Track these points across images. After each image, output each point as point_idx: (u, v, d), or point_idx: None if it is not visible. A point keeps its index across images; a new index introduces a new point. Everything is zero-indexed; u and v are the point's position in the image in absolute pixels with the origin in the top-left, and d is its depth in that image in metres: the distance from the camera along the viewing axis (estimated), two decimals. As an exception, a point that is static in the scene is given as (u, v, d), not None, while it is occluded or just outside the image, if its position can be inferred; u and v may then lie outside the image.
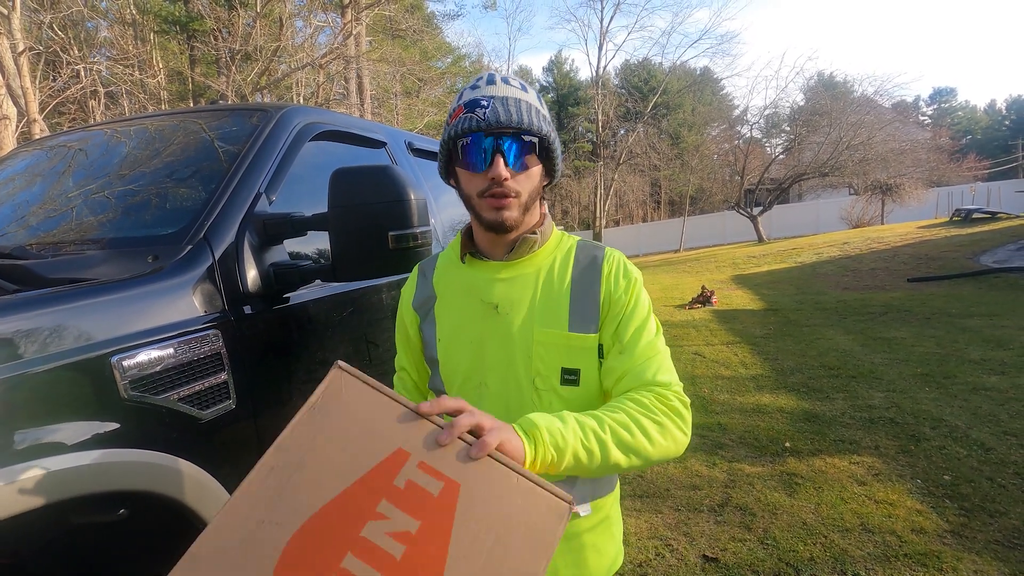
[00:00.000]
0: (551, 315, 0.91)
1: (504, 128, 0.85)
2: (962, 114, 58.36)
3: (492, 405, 0.91)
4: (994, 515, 2.34)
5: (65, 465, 0.93)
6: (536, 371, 0.90)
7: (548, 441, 0.72)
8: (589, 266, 0.94)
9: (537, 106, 0.91)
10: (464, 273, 0.97)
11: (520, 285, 0.93)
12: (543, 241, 0.96)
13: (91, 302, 1.07)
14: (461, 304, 0.96)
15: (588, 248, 0.98)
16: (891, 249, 12.18)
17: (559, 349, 0.90)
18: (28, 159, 2.08)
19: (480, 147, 0.86)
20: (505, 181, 0.86)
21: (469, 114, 0.87)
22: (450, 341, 0.95)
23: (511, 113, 0.86)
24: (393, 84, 19.08)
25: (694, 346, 5.73)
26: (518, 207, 0.89)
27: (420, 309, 1.02)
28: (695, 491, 2.70)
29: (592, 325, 0.91)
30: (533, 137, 0.88)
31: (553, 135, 0.92)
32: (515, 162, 0.87)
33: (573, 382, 0.91)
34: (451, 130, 0.89)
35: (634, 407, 0.82)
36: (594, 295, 0.92)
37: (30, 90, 8.30)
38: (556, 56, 43.34)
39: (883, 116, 20.92)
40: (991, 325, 5.68)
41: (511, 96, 0.88)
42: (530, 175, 0.90)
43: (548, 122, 0.92)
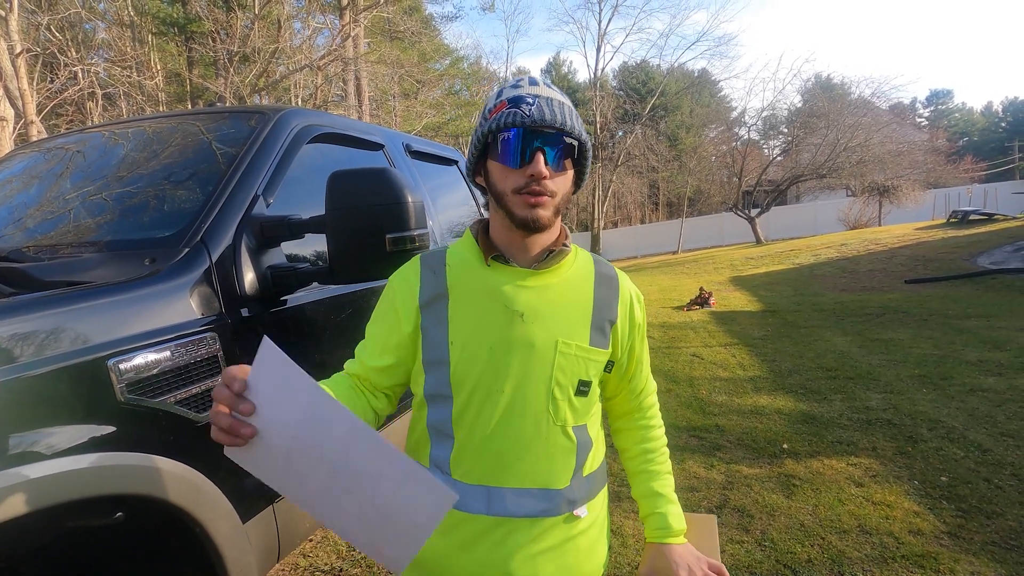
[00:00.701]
0: (573, 328, 0.93)
1: (548, 127, 0.86)
2: (959, 116, 58.54)
3: (510, 412, 0.90)
4: (991, 516, 2.34)
5: (61, 469, 0.93)
6: (556, 381, 0.91)
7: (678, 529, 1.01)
8: (608, 286, 0.99)
9: (575, 111, 0.92)
10: (487, 276, 0.93)
11: (545, 295, 0.93)
12: (567, 252, 0.97)
13: (88, 305, 1.07)
14: (481, 308, 0.92)
15: (602, 265, 1.02)
16: (888, 251, 12.21)
17: (578, 361, 0.93)
18: (25, 161, 2.07)
19: (521, 143, 0.86)
20: (544, 179, 0.86)
21: (513, 109, 0.86)
22: (466, 345, 0.91)
23: (556, 113, 0.86)
24: (391, 86, 19.09)
25: (692, 347, 5.74)
26: (552, 207, 0.89)
27: (426, 307, 0.95)
28: (693, 493, 2.71)
29: (606, 341, 0.96)
30: (574, 140, 0.89)
31: (589, 144, 0.94)
32: (555, 162, 0.87)
33: (584, 393, 0.94)
34: (492, 123, 0.88)
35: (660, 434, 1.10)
36: (611, 314, 0.97)
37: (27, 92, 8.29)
38: (554, 58, 43.45)
39: (880, 118, 20.97)
40: (988, 326, 5.69)
41: (555, 98, 0.89)
42: (566, 178, 0.91)
43: (584, 128, 0.93)
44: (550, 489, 0.92)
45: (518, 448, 0.91)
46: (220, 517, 1.20)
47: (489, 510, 0.90)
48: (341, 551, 2.36)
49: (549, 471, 0.92)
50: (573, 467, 0.94)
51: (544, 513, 0.91)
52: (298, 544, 1.61)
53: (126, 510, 1.08)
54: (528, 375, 0.90)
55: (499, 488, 0.91)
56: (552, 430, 0.92)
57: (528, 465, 0.91)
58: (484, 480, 0.91)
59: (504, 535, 0.90)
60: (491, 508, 0.90)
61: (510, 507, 0.90)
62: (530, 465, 0.91)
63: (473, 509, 0.90)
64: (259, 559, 1.36)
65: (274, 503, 1.42)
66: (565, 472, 0.93)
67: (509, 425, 0.90)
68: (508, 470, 0.91)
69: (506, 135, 0.86)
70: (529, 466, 0.91)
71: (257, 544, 1.34)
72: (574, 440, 0.94)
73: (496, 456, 0.91)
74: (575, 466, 0.94)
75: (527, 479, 0.91)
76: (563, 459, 0.93)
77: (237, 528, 1.26)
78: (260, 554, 1.36)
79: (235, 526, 1.26)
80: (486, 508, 0.90)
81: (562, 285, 0.95)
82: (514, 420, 0.90)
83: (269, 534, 1.40)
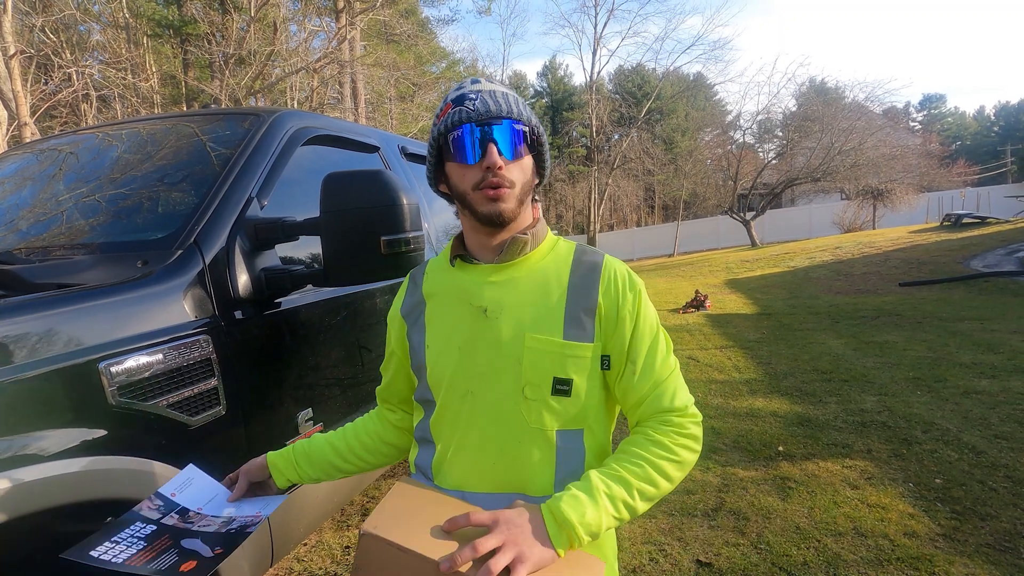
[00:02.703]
0: (544, 321, 0.87)
1: (494, 117, 0.85)
2: (952, 120, 59.00)
3: (481, 414, 0.88)
4: (985, 518, 2.35)
5: (51, 473, 0.92)
6: (527, 379, 0.86)
7: (582, 534, 0.76)
8: (588, 272, 0.90)
9: (523, 101, 0.91)
10: (454, 277, 0.95)
11: (511, 288, 0.89)
12: (535, 243, 0.92)
13: (79, 307, 1.06)
14: (450, 308, 0.93)
15: (587, 253, 0.94)
16: (883, 254, 12.27)
17: (552, 357, 0.86)
18: (18, 162, 2.06)
19: (472, 138, 0.85)
20: (499, 169, 0.84)
21: (458, 107, 0.86)
22: (439, 347, 0.92)
23: (500, 103, 0.86)
24: (387, 88, 19.09)
25: (688, 350, 5.74)
26: (514, 198, 0.87)
27: (408, 316, 0.99)
28: (689, 496, 2.70)
29: (588, 334, 0.87)
30: (524, 126, 0.87)
31: (541, 129, 0.91)
32: (508, 150, 0.86)
33: (565, 392, 0.86)
34: (440, 126, 0.88)
35: (656, 452, 0.84)
36: (591, 303, 0.88)
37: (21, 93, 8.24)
38: (550, 61, 43.54)
39: (874, 122, 21.10)
40: (981, 329, 5.72)
41: (498, 90, 0.88)
42: (523, 165, 0.88)
43: (535, 116, 0.91)
44: (528, 496, 0.86)
45: (490, 450, 0.88)
46: (212, 521, 1.19)
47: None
48: (335, 555, 2.35)
49: (523, 476, 0.87)
50: (553, 474, 0.87)
51: None
52: (292, 548, 1.60)
53: (117, 515, 1.07)
54: (497, 374, 0.87)
55: (474, 494, 0.88)
56: (526, 432, 0.86)
57: (501, 469, 0.87)
58: (460, 485, 0.90)
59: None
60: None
61: None
62: (503, 469, 0.87)
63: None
64: (252, 564, 1.35)
65: (267, 507, 1.40)
66: (544, 479, 0.87)
67: (479, 426, 0.88)
68: (483, 475, 0.88)
69: (456, 133, 0.86)
70: (502, 470, 0.87)
71: (250, 548, 1.33)
72: (553, 444, 0.87)
73: (469, 459, 0.89)
74: (557, 475, 0.87)
75: (501, 484, 0.88)
76: (540, 464, 0.87)
77: (230, 532, 1.25)
78: (253, 559, 1.35)
79: (228, 530, 1.25)
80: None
81: (532, 277, 0.91)
82: (484, 421, 0.88)
83: (262, 538, 1.39)
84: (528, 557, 0.71)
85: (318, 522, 1.69)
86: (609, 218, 37.61)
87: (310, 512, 1.60)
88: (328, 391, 1.68)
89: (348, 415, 1.77)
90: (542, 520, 0.76)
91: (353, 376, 1.80)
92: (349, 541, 2.45)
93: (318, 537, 2.49)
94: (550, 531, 0.75)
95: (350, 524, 2.60)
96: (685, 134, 32.40)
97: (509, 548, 0.71)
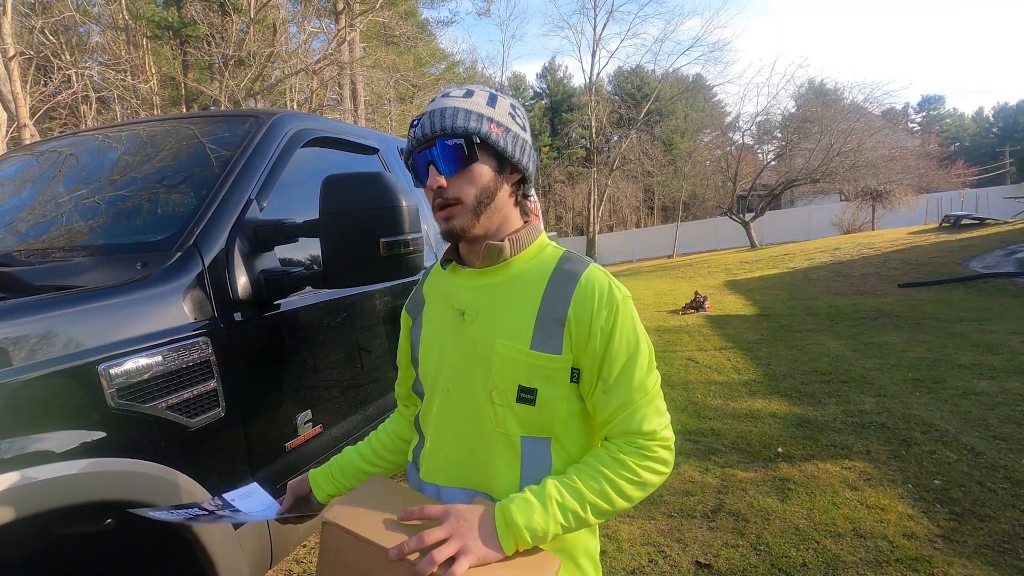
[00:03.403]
0: (515, 329, 0.87)
1: (429, 140, 0.87)
2: (950, 122, 59.09)
3: (455, 413, 0.91)
4: (984, 519, 2.35)
5: (50, 475, 0.92)
6: (494, 384, 0.87)
7: (528, 538, 0.78)
8: (564, 283, 0.88)
9: (472, 108, 0.87)
10: (446, 279, 0.99)
11: (488, 294, 0.91)
12: (518, 248, 0.91)
13: (78, 309, 1.06)
14: (439, 309, 0.97)
15: (570, 262, 0.91)
16: (882, 255, 12.28)
17: (518, 365, 0.86)
18: (17, 164, 2.06)
19: (420, 163, 0.89)
20: (440, 189, 0.86)
21: (409, 137, 0.91)
22: (427, 344, 0.97)
23: (434, 123, 0.86)
24: (387, 90, 19.11)
25: (687, 351, 5.74)
26: (465, 213, 0.87)
27: (411, 312, 1.06)
28: (688, 497, 2.70)
29: (556, 345, 0.85)
30: (458, 139, 0.85)
31: (489, 131, 0.86)
32: (447, 167, 0.86)
33: (529, 401, 0.86)
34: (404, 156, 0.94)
35: (616, 471, 0.83)
36: (560, 314, 0.86)
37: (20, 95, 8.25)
38: (550, 63, 43.59)
39: (873, 123, 21.11)
40: (980, 330, 5.73)
41: (439, 107, 0.87)
42: (471, 177, 0.87)
43: (486, 120, 0.87)
44: (492, 497, 0.87)
45: (461, 448, 0.91)
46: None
47: None
48: (335, 557, 2.35)
49: (489, 478, 0.88)
50: (519, 480, 0.87)
51: None
52: (291, 550, 1.60)
53: (117, 517, 1.07)
54: (470, 376, 0.89)
55: (448, 488, 0.92)
56: (493, 435, 0.88)
57: (471, 467, 0.90)
58: (435, 479, 0.94)
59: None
60: None
61: None
62: (472, 468, 0.90)
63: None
64: (251, 565, 1.35)
65: (267, 509, 1.40)
66: (508, 483, 0.87)
67: (451, 424, 0.92)
68: (454, 471, 0.92)
69: (410, 162, 0.92)
70: (471, 469, 0.90)
71: (249, 550, 1.33)
72: (518, 450, 0.87)
73: (445, 455, 0.93)
74: (523, 480, 0.86)
75: (470, 481, 0.90)
76: (505, 468, 0.87)
77: (229, 534, 1.26)
78: (252, 560, 1.35)
79: (227, 532, 1.25)
80: None
81: (510, 283, 0.90)
82: (458, 420, 0.91)
83: (261, 540, 1.39)
84: (472, 551, 0.75)
85: (318, 524, 1.69)
86: (609, 219, 37.63)
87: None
88: (327, 393, 1.69)
89: (347, 416, 1.77)
90: (492, 518, 0.79)
91: (352, 378, 1.80)
92: (348, 543, 2.45)
93: (317, 538, 2.49)
94: (498, 530, 0.78)
95: (349, 526, 2.59)
96: (684, 135, 32.40)
97: (455, 540, 0.75)
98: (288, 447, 1.50)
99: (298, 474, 1.54)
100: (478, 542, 0.76)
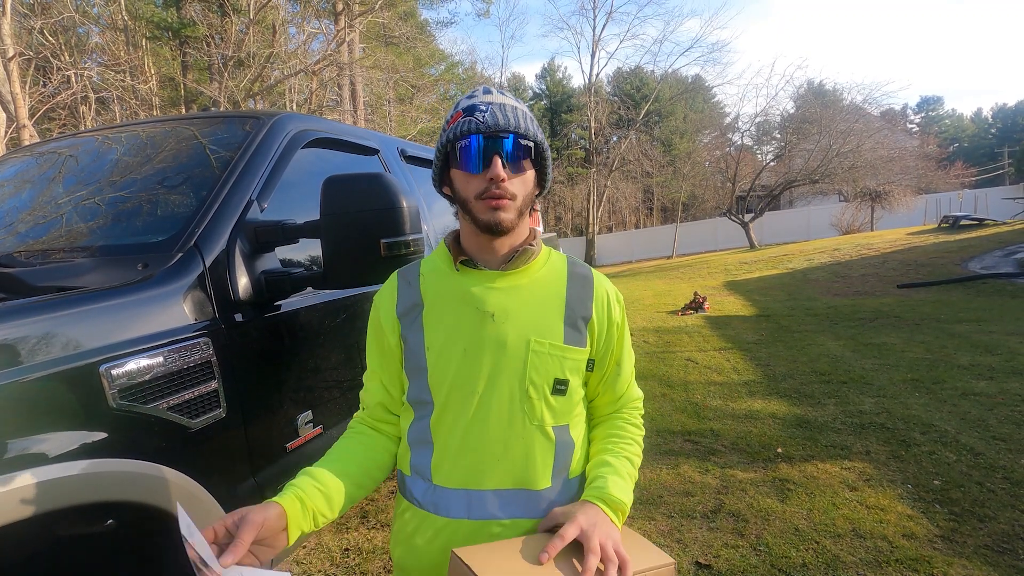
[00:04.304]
0: (546, 326, 0.94)
1: (502, 131, 0.88)
2: (949, 122, 59.19)
3: (487, 413, 0.91)
4: (984, 520, 2.35)
5: (51, 476, 0.92)
6: (530, 380, 0.92)
7: (627, 509, 0.92)
8: (582, 286, 0.99)
9: (530, 115, 0.95)
10: (457, 281, 0.96)
11: (515, 295, 0.94)
12: (534, 255, 0.97)
13: (79, 310, 1.06)
14: (454, 312, 0.94)
15: (578, 267, 1.02)
16: (881, 255, 12.29)
17: (553, 360, 0.93)
18: (17, 165, 2.06)
19: (479, 149, 0.89)
20: (502, 182, 0.88)
21: (468, 118, 0.89)
22: (442, 349, 0.94)
23: (508, 117, 0.89)
24: (386, 91, 19.11)
25: (687, 352, 5.75)
26: (514, 209, 0.90)
27: (404, 317, 0.99)
28: (688, 497, 2.70)
29: (582, 340, 0.96)
30: (529, 142, 0.91)
31: (546, 144, 0.95)
32: (512, 164, 0.89)
33: (562, 392, 0.94)
34: (449, 133, 0.91)
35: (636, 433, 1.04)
36: (585, 311, 0.97)
37: (20, 96, 8.24)
38: (549, 64, 43.59)
39: (872, 124, 21.15)
40: (979, 330, 5.73)
41: (508, 103, 0.92)
42: (525, 179, 0.93)
43: (541, 131, 0.95)
44: (531, 490, 0.93)
45: (496, 448, 0.92)
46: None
47: (470, 514, 0.91)
48: (335, 558, 2.35)
49: (528, 471, 0.92)
50: (552, 467, 0.94)
51: (527, 515, 0.92)
52: (292, 552, 1.60)
53: (118, 518, 1.07)
54: (502, 374, 0.92)
55: (479, 491, 0.92)
56: (528, 429, 0.92)
57: (507, 465, 0.92)
58: (464, 484, 0.92)
59: (487, 539, 0.90)
60: (471, 512, 0.91)
61: (491, 509, 0.91)
62: (508, 465, 0.92)
63: (454, 514, 0.92)
64: (252, 566, 1.35)
65: (267, 510, 1.40)
66: (544, 472, 0.93)
67: (486, 425, 0.92)
68: (487, 471, 0.92)
69: (464, 143, 0.90)
70: (508, 466, 0.92)
71: (250, 551, 1.33)
72: (553, 439, 0.94)
73: (474, 458, 0.92)
74: (555, 467, 0.95)
75: (506, 479, 0.92)
76: (542, 459, 0.93)
77: (230, 535, 1.25)
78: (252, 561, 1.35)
79: (228, 533, 1.25)
80: (467, 512, 0.92)
81: (533, 285, 0.96)
82: (490, 420, 0.92)
83: (262, 541, 1.39)
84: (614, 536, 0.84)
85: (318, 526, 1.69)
86: (608, 220, 37.65)
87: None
88: (328, 393, 1.69)
89: (348, 417, 1.76)
90: (600, 510, 0.88)
91: (353, 378, 1.80)
92: (348, 544, 2.45)
93: (318, 540, 2.49)
94: (612, 516, 0.88)
95: (349, 527, 2.60)
96: (683, 136, 32.45)
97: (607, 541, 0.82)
98: (289, 448, 1.50)
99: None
100: (615, 531, 0.85)
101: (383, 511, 2.72)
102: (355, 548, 2.41)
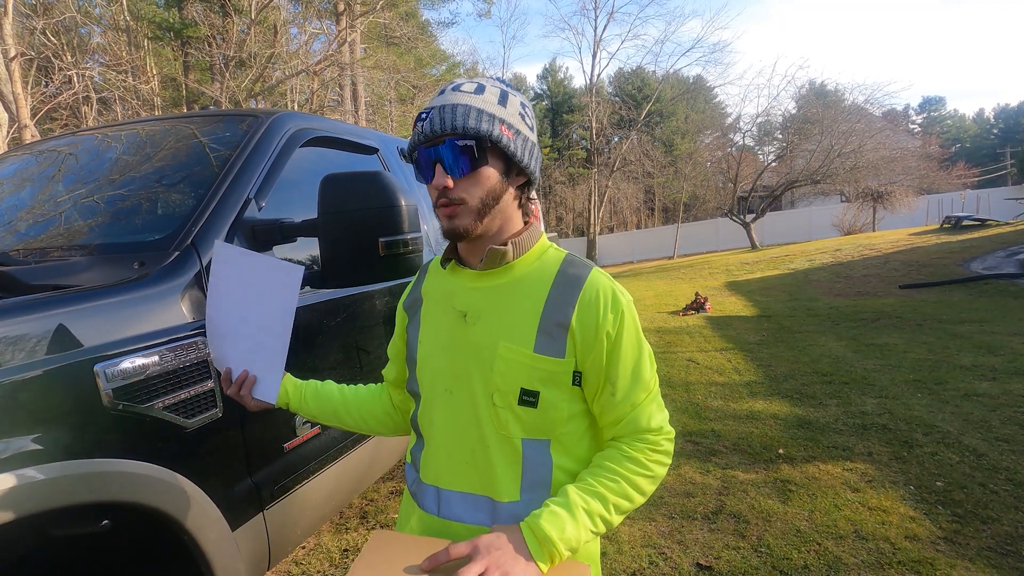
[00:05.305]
0: (518, 332, 0.87)
1: (438, 137, 0.84)
2: (951, 123, 59.08)
3: (456, 415, 0.91)
4: (987, 521, 2.34)
5: (45, 476, 0.91)
6: (495, 386, 0.86)
7: (563, 550, 0.78)
8: (568, 287, 0.87)
9: (484, 108, 0.85)
10: (445, 279, 0.97)
11: (490, 296, 0.90)
12: (520, 251, 0.91)
13: (74, 309, 1.06)
14: (439, 309, 0.96)
15: (574, 266, 0.90)
16: (883, 256, 12.27)
17: (521, 368, 0.86)
18: (17, 163, 2.05)
19: (426, 159, 0.86)
20: (446, 189, 0.84)
21: (415, 129, 0.88)
22: (428, 344, 0.95)
23: (445, 120, 0.83)
24: (387, 91, 19.12)
25: (688, 352, 5.73)
26: (469, 214, 0.85)
27: (408, 310, 1.04)
28: (689, 498, 2.69)
29: (559, 350, 0.86)
30: (469, 140, 0.83)
31: (500, 134, 0.84)
32: (454, 168, 0.84)
33: (531, 404, 0.86)
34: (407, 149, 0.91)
35: (631, 468, 0.86)
36: (565, 319, 0.86)
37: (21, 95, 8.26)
38: (550, 64, 43.60)
39: (873, 124, 21.11)
40: (982, 331, 5.71)
41: (451, 103, 0.85)
42: (477, 179, 0.85)
43: (497, 121, 0.85)
44: (494, 500, 0.87)
45: (463, 451, 0.90)
46: (209, 524, 1.18)
47: (439, 512, 0.91)
48: (334, 559, 2.34)
49: (491, 481, 0.87)
50: (520, 481, 0.87)
51: (492, 523, 0.86)
52: (289, 552, 1.59)
53: (113, 518, 1.06)
54: (472, 377, 0.89)
55: (448, 491, 0.91)
56: (495, 437, 0.87)
57: (472, 471, 0.89)
58: (436, 481, 0.93)
59: (453, 538, 0.87)
60: (440, 510, 0.91)
61: (456, 511, 0.90)
62: (474, 470, 0.89)
63: (427, 508, 0.93)
64: (249, 567, 1.34)
65: (264, 510, 1.40)
66: (509, 485, 0.87)
67: (455, 427, 0.91)
68: (456, 473, 0.91)
69: (416, 155, 0.89)
70: (473, 472, 0.89)
71: (247, 552, 1.32)
72: (519, 452, 0.87)
73: (446, 457, 0.92)
74: (524, 481, 0.87)
75: (474, 484, 0.89)
76: (505, 470, 0.87)
77: (226, 536, 1.25)
78: (250, 562, 1.34)
79: (224, 534, 1.24)
80: (436, 509, 0.92)
81: (513, 286, 0.90)
82: (460, 422, 0.90)
83: (259, 542, 1.38)
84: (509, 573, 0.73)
85: (316, 525, 1.68)
86: (609, 220, 37.62)
87: (308, 515, 1.59)
88: (326, 393, 1.67)
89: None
90: (522, 538, 0.78)
91: (351, 378, 1.79)
92: (348, 544, 2.44)
93: (316, 540, 2.48)
94: (531, 548, 0.77)
95: (348, 527, 2.59)
96: (685, 136, 32.41)
97: (493, 571, 0.73)
98: (286, 448, 1.49)
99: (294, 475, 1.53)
100: (517, 566, 0.74)
101: (383, 511, 2.71)
102: (355, 548, 2.40)
